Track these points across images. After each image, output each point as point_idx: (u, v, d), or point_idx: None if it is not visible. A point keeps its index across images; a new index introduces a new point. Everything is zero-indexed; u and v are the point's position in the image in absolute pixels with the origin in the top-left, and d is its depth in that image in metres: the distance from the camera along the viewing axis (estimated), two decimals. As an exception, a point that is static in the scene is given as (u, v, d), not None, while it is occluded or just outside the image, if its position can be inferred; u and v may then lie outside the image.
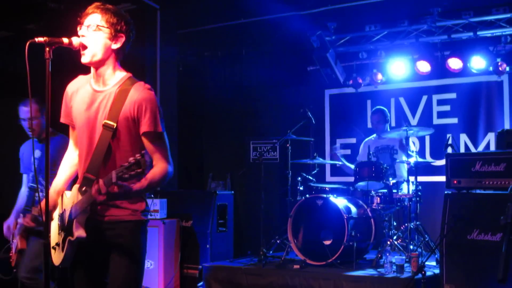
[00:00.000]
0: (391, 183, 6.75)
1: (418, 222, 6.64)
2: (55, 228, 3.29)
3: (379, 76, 8.15)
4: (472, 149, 7.68)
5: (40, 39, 2.99)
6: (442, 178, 6.06)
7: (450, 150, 6.01)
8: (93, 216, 3.14)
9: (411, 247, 6.42)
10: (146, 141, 3.17)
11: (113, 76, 3.24)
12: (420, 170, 6.90)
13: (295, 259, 6.64)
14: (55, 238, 3.27)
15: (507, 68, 7.31)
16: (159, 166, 3.15)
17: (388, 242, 6.47)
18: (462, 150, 7.70)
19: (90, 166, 3.15)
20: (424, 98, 8.15)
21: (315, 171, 7.46)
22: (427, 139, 8.03)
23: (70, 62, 3.61)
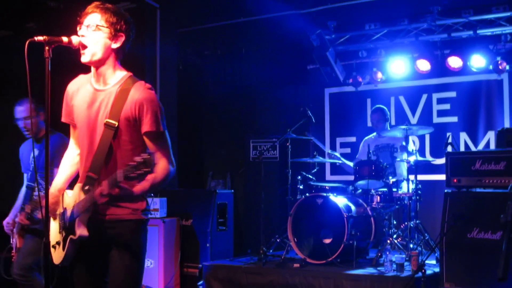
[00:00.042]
0: (391, 181, 6.75)
1: (418, 221, 6.64)
2: (55, 227, 3.29)
3: (379, 75, 8.14)
4: (472, 147, 7.67)
5: (40, 38, 2.99)
6: (442, 177, 6.06)
7: (450, 148, 6.01)
8: (93, 215, 3.13)
9: (411, 245, 6.41)
10: (147, 140, 3.17)
11: (113, 75, 3.23)
12: (420, 168, 6.89)
13: (295, 258, 6.64)
14: (55, 237, 3.26)
15: (507, 67, 7.30)
16: (161, 166, 3.14)
17: (388, 241, 6.47)
18: (462, 148, 7.68)
19: (92, 165, 3.15)
20: (424, 97, 8.14)
21: (315, 169, 7.44)
22: (427, 137, 8.02)
23: (70, 61, 3.61)
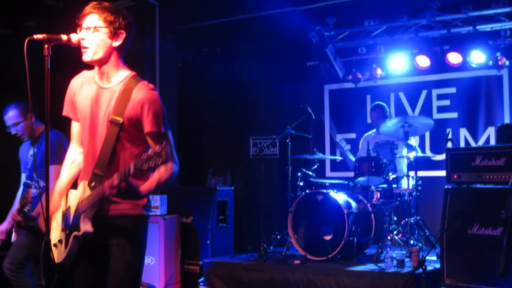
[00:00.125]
0: (391, 178, 6.75)
1: (418, 217, 6.64)
2: (57, 225, 3.29)
3: (379, 71, 8.13)
4: (472, 143, 7.67)
5: (39, 36, 2.99)
6: (442, 173, 6.06)
7: (450, 144, 6.01)
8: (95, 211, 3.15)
9: (412, 242, 6.41)
10: (150, 140, 3.18)
11: (117, 74, 3.24)
12: (420, 164, 6.89)
13: (295, 255, 6.65)
14: (57, 236, 3.26)
15: (507, 62, 7.29)
16: (166, 165, 3.12)
17: (388, 237, 6.47)
18: (462, 144, 7.68)
19: (98, 162, 3.15)
20: (423, 93, 8.14)
21: (315, 166, 7.44)
22: (427, 133, 8.01)
23: (70, 58, 3.61)
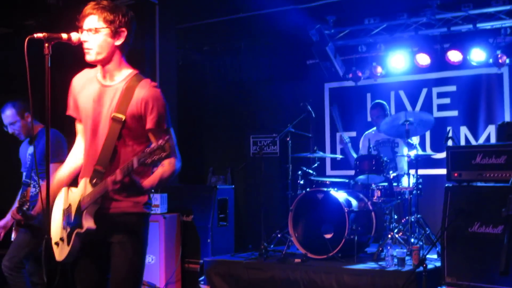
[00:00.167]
0: (392, 176, 6.75)
1: (419, 215, 6.64)
2: (58, 223, 3.28)
3: (379, 69, 8.13)
4: (473, 141, 7.67)
5: (39, 35, 2.99)
6: (442, 171, 6.05)
7: (450, 142, 6.01)
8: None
9: (412, 240, 6.40)
10: (152, 137, 3.19)
11: (119, 72, 3.25)
12: (421, 163, 6.88)
13: (296, 253, 6.64)
14: (58, 233, 3.26)
15: (507, 60, 7.29)
16: (168, 161, 3.14)
17: (389, 236, 6.46)
18: (463, 142, 7.68)
19: (100, 159, 3.16)
20: (424, 91, 8.13)
21: (316, 164, 7.43)
22: (428, 132, 8.01)
23: (71, 56, 3.61)
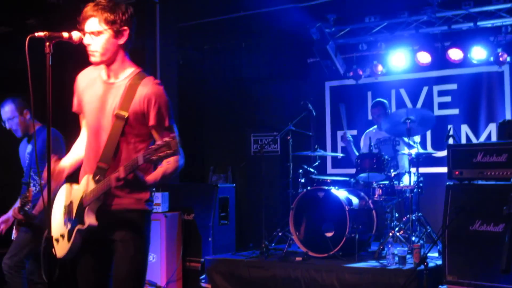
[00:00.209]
0: (393, 174, 6.75)
1: (420, 214, 6.64)
2: (59, 220, 3.29)
3: (380, 68, 8.13)
4: (474, 140, 7.66)
5: (40, 34, 3.00)
6: (443, 169, 6.06)
7: (451, 141, 6.01)
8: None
9: (413, 238, 6.40)
10: (155, 134, 3.20)
11: (123, 70, 3.26)
12: (422, 161, 6.88)
13: (297, 252, 6.64)
14: (58, 230, 3.26)
15: (508, 58, 7.28)
16: (172, 158, 3.14)
17: (390, 234, 6.47)
18: (464, 141, 7.67)
19: (103, 155, 3.17)
20: (424, 89, 8.13)
21: (317, 163, 7.43)
22: (428, 130, 8.00)
23: (71, 56, 3.61)
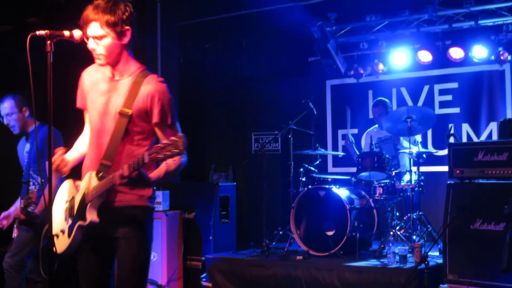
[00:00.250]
0: (394, 173, 6.75)
1: (421, 212, 6.64)
2: (60, 215, 3.29)
3: (380, 66, 8.13)
4: (475, 138, 7.66)
5: (41, 32, 3.00)
6: (444, 168, 6.06)
7: (452, 140, 6.01)
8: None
9: (414, 237, 6.41)
10: (158, 131, 3.22)
11: (127, 68, 3.27)
12: (423, 160, 6.88)
13: (298, 250, 6.65)
14: (59, 225, 3.27)
15: (509, 57, 7.27)
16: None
17: (391, 233, 6.46)
18: (465, 140, 7.67)
19: (107, 152, 3.18)
20: (425, 88, 8.12)
21: (317, 162, 7.42)
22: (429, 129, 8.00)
23: (72, 55, 3.61)
